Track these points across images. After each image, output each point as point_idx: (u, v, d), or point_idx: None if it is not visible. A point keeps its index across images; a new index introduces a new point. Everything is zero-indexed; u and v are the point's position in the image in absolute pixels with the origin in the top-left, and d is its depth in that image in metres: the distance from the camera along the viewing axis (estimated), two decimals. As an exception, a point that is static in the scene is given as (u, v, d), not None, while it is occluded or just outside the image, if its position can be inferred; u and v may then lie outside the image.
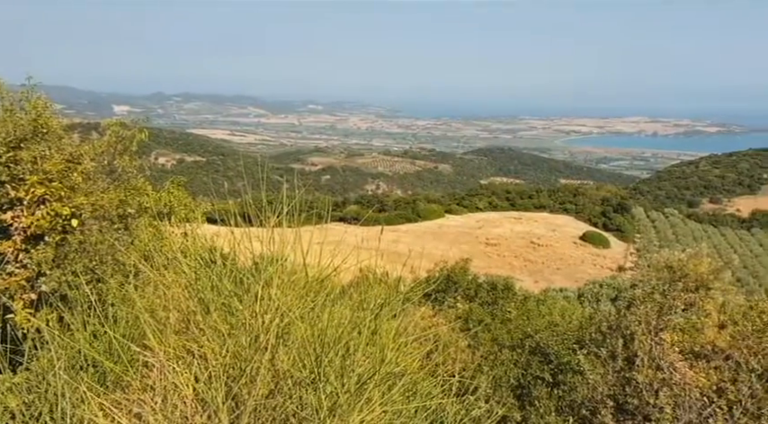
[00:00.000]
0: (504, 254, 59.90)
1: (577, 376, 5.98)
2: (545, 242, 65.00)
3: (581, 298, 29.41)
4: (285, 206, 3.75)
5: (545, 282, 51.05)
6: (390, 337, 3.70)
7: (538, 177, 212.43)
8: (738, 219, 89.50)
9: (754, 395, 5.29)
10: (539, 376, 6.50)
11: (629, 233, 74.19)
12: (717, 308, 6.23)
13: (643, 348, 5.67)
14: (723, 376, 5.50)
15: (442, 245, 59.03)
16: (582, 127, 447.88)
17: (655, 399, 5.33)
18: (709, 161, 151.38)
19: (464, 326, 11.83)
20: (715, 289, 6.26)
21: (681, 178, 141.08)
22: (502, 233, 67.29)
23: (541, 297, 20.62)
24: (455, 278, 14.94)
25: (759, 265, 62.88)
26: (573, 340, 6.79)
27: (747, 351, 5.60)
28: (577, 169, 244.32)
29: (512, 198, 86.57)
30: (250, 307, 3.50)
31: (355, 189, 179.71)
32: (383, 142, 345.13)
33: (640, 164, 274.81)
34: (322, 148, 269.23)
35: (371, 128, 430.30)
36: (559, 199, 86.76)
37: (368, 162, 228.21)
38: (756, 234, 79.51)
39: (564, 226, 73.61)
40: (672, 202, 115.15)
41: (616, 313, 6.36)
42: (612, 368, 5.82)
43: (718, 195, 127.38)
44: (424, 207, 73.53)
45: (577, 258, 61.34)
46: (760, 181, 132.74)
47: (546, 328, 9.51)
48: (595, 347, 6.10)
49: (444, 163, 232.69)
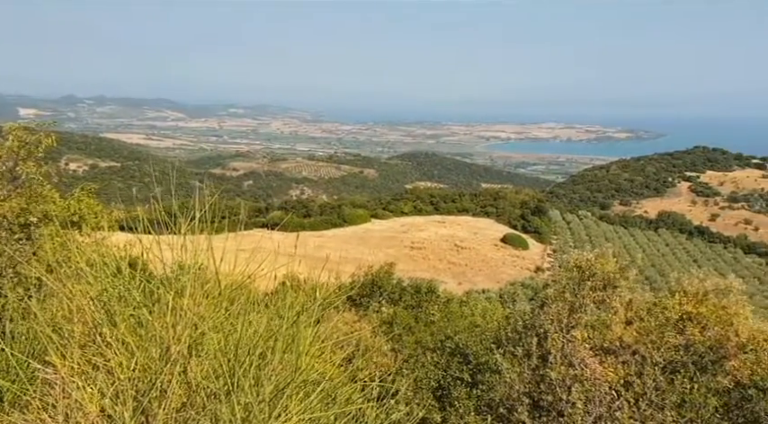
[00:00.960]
0: (429, 257, 60.78)
1: (495, 376, 6.14)
2: (468, 244, 66.45)
3: (502, 298, 30.29)
4: (198, 212, 3.63)
5: (468, 284, 52.18)
6: (308, 344, 3.65)
7: (460, 181, 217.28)
8: (646, 220, 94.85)
9: (658, 388, 5.60)
10: (458, 377, 6.62)
11: (546, 234, 77.04)
12: (624, 305, 6.55)
13: (556, 346, 5.89)
14: (630, 370, 5.79)
15: (368, 250, 59.24)
16: (501, 133, 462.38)
17: (567, 395, 5.53)
18: (619, 165, 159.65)
19: (388, 330, 11.89)
20: (621, 287, 6.58)
21: (593, 181, 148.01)
22: (427, 236, 68.25)
23: (464, 299, 21.02)
24: (380, 283, 15.00)
25: (665, 263, 66.83)
26: (491, 340, 6.96)
27: (651, 346, 5.93)
28: (498, 173, 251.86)
29: (436, 203, 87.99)
30: (161, 318, 3.36)
31: (279, 195, 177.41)
32: (307, 146, 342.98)
33: (556, 169, 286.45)
34: (244, 153, 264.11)
35: (295, 133, 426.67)
36: (481, 203, 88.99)
37: (292, 167, 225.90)
38: (663, 234, 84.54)
39: (485, 229, 75.53)
40: (585, 205, 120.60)
41: (530, 313, 6.57)
42: (528, 366, 6.00)
43: (628, 197, 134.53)
44: (350, 212, 73.53)
45: (498, 259, 63.07)
46: (666, 183, 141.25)
47: (467, 329, 9.71)
48: (512, 346, 6.28)
49: (369, 167, 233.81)
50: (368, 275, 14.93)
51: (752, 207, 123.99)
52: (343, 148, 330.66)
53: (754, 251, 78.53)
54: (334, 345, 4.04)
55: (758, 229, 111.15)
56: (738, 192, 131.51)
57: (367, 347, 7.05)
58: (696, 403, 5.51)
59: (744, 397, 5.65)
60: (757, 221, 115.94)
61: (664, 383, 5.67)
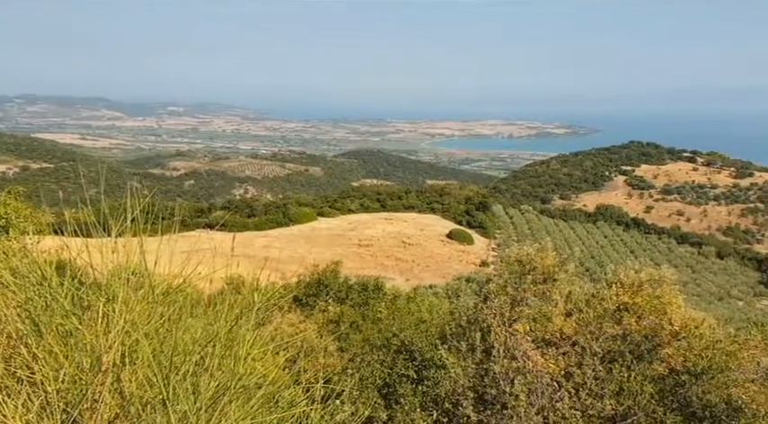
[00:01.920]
0: (377, 255, 60.88)
1: (440, 371, 6.18)
2: (415, 241, 66.93)
3: (448, 293, 30.68)
4: (132, 212, 3.48)
5: (416, 280, 52.55)
6: (249, 347, 3.57)
7: (407, 178, 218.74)
8: (585, 213, 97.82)
9: (597, 377, 5.76)
10: (404, 374, 6.63)
11: (490, 229, 78.43)
12: (563, 298, 6.70)
13: (499, 340, 5.97)
14: (570, 361, 5.93)
15: (316, 248, 58.85)
16: (445, 130, 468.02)
17: (511, 387, 5.62)
18: (558, 160, 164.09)
19: (335, 329, 11.83)
20: (561, 280, 6.73)
21: (534, 176, 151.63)
22: (374, 234, 68.34)
23: (411, 295, 21.15)
24: (326, 282, 14.90)
25: (604, 255, 69.14)
26: (436, 335, 7.01)
27: (591, 336, 6.09)
28: (443, 170, 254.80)
29: (382, 200, 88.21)
30: (91, 326, 3.21)
31: (222, 194, 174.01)
32: (250, 145, 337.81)
33: (499, 164, 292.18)
34: (184, 152, 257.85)
35: (237, 131, 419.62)
36: (427, 200, 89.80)
37: (235, 165, 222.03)
38: (601, 226, 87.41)
39: (432, 225, 76.24)
40: (527, 199, 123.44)
41: (474, 308, 6.65)
42: (472, 361, 6.07)
43: (567, 191, 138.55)
44: (296, 211, 72.82)
45: (445, 255, 63.79)
46: (603, 177, 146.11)
47: (414, 325, 9.75)
48: (456, 341, 6.33)
49: (315, 165, 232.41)
50: (314, 274, 14.81)
51: (684, 199, 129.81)
52: (288, 146, 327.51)
53: (687, 240, 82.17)
54: (278, 347, 3.96)
55: (690, 220, 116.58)
56: (671, 185, 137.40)
57: (312, 347, 6.98)
58: (633, 391, 5.69)
59: (677, 383, 5.87)
60: (689, 212, 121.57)
61: (603, 372, 5.83)
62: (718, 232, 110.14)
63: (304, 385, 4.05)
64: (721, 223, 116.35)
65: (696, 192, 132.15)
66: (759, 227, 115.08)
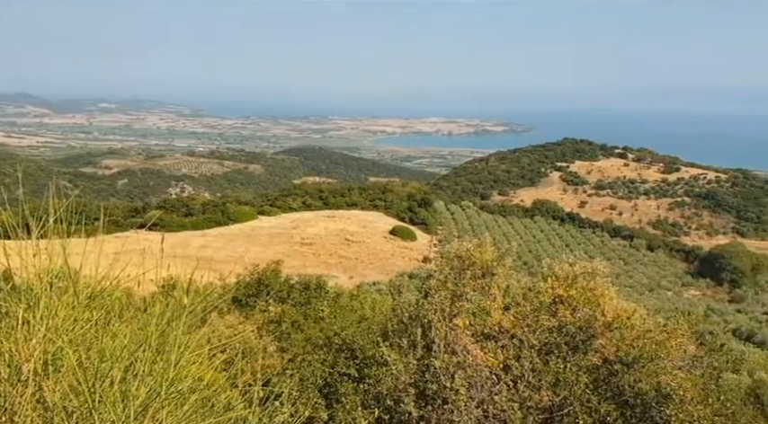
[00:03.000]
0: (320, 253, 60.53)
1: (382, 368, 6.18)
2: (358, 238, 66.94)
3: (391, 290, 30.85)
4: (53, 213, 3.29)
5: (359, 277, 52.58)
6: (183, 351, 3.45)
7: (349, 175, 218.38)
8: (523, 209, 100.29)
9: (534, 369, 5.89)
10: (345, 373, 6.60)
11: (432, 225, 79.35)
12: (501, 292, 6.83)
13: (440, 335, 6.02)
14: (509, 354, 6.05)
15: (256, 248, 57.99)
16: (387, 127, 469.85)
17: (451, 382, 5.68)
18: (497, 157, 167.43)
19: (276, 329, 11.67)
20: (499, 275, 6.85)
21: (474, 173, 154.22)
22: (317, 232, 67.89)
23: (355, 293, 21.12)
24: (266, 281, 14.70)
25: (541, 249, 71.10)
26: (378, 332, 7.01)
27: (528, 329, 6.22)
28: (385, 167, 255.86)
29: (325, 197, 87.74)
30: (10, 335, 3.03)
31: (158, 193, 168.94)
32: (187, 142, 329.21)
33: (440, 162, 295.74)
34: (117, 150, 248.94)
35: (173, 128, 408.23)
36: (370, 197, 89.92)
37: (171, 163, 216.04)
38: (538, 221, 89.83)
39: (375, 222, 76.44)
40: (468, 195, 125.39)
41: (415, 304, 6.69)
42: (414, 357, 6.10)
43: (506, 188, 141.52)
44: (235, 210, 71.50)
45: (388, 252, 64.09)
46: (539, 174, 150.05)
47: (355, 323, 9.73)
48: (398, 337, 6.35)
49: (255, 163, 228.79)
50: (253, 274, 14.58)
51: (616, 194, 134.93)
52: (226, 144, 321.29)
53: (619, 234, 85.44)
54: (215, 349, 3.85)
55: (621, 214, 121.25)
56: (604, 180, 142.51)
57: (251, 349, 6.85)
58: (569, 381, 5.85)
59: (611, 372, 6.08)
60: (621, 206, 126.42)
61: (540, 364, 5.97)
62: (648, 225, 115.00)
63: (242, 388, 3.95)
64: (651, 216, 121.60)
65: (627, 187, 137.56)
66: (686, 220, 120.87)
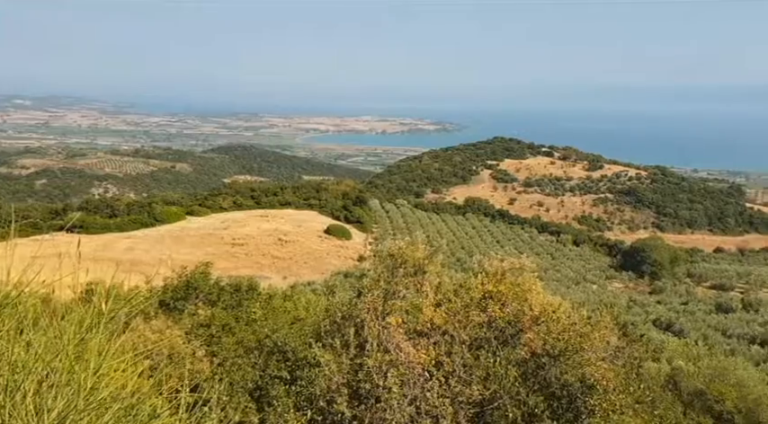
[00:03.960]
0: (252, 253, 59.46)
1: (314, 369, 6.11)
2: (292, 238, 66.19)
3: (327, 290, 30.69)
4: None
5: (294, 277, 52.01)
6: (102, 359, 3.28)
7: (282, 174, 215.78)
8: (456, 206, 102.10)
9: (465, 364, 5.98)
10: (277, 376, 6.49)
11: (367, 223, 79.49)
12: (433, 289, 6.89)
13: (372, 334, 6.01)
14: (441, 350, 6.11)
15: (185, 249, 56.37)
16: (320, 125, 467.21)
17: (384, 380, 5.68)
18: (430, 156, 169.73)
19: (206, 333, 11.35)
20: (430, 272, 6.91)
21: (408, 171, 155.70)
22: (249, 232, 66.65)
23: (288, 293, 20.84)
24: (195, 284, 14.27)
25: (473, 245, 72.49)
26: (310, 333, 6.93)
27: (459, 325, 6.31)
28: (319, 165, 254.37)
29: (257, 197, 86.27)
30: None
31: (79, 194, 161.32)
32: (110, 141, 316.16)
33: (374, 160, 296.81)
34: (34, 149, 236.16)
35: (95, 126, 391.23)
36: (303, 195, 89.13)
37: (93, 163, 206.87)
38: (470, 218, 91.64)
39: (309, 221, 75.81)
40: (402, 193, 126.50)
41: (348, 303, 6.65)
42: (347, 356, 6.06)
43: (439, 185, 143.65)
44: (163, 210, 69.21)
45: (323, 251, 63.69)
46: (471, 172, 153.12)
47: (289, 324, 9.59)
48: (330, 338, 6.30)
49: (183, 161, 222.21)
50: (181, 276, 14.13)
51: (543, 191, 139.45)
52: (152, 142, 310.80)
53: (547, 230, 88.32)
54: (140, 355, 3.68)
55: (549, 210, 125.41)
56: (532, 178, 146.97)
57: (179, 354, 6.62)
58: (499, 375, 5.97)
59: (538, 365, 6.24)
60: (548, 203, 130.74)
61: (471, 359, 6.06)
62: (574, 221, 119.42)
63: (168, 394, 3.80)
64: (576, 212, 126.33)
65: (554, 184, 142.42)
66: (609, 216, 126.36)
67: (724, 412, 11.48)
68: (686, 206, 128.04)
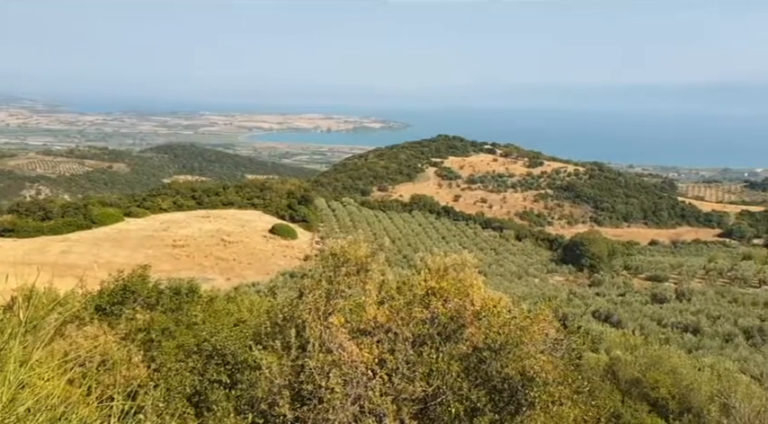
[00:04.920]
0: (194, 255, 58.14)
1: (255, 372, 6.00)
2: (235, 238, 65.07)
3: (272, 290, 30.31)
4: None
5: (238, 278, 51.18)
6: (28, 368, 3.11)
7: (224, 173, 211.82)
8: (402, 203, 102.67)
9: (408, 361, 5.99)
10: (216, 380, 6.33)
11: (313, 222, 78.96)
12: (376, 287, 6.87)
13: (314, 334, 5.94)
14: (384, 348, 6.10)
15: (124, 252, 54.66)
16: (263, 123, 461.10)
17: (326, 381, 5.62)
18: (375, 153, 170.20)
19: (144, 338, 10.99)
20: (373, 270, 6.89)
21: (354, 169, 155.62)
22: (190, 233, 65.13)
23: (232, 295, 20.46)
24: (133, 287, 13.79)
25: (419, 242, 73.09)
26: (251, 336, 6.79)
27: (402, 322, 6.32)
28: (262, 164, 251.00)
29: (198, 197, 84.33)
30: None
31: (9, 196, 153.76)
32: (42, 140, 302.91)
33: (319, 158, 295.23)
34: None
35: (25, 125, 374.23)
36: (247, 195, 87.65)
37: (24, 163, 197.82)
38: (416, 215, 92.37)
39: (253, 221, 74.69)
40: (348, 192, 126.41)
41: (290, 304, 6.56)
42: (288, 358, 5.97)
43: (385, 183, 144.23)
44: (99, 212, 66.77)
45: (268, 251, 62.89)
46: (416, 169, 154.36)
47: (231, 326, 9.39)
48: (272, 340, 6.19)
49: (119, 161, 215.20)
50: (118, 280, 13.62)
51: (486, 188, 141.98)
52: (87, 141, 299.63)
53: (490, 225, 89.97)
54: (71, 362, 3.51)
55: (492, 206, 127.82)
56: (475, 175, 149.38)
57: (113, 360, 6.36)
58: (442, 371, 6.01)
59: (480, 359, 6.32)
60: (491, 199, 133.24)
61: (414, 356, 6.08)
62: (516, 216, 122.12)
63: (100, 403, 3.63)
64: (518, 208, 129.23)
65: (497, 181, 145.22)
66: (549, 211, 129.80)
67: (659, 399, 11.95)
68: (622, 200, 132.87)
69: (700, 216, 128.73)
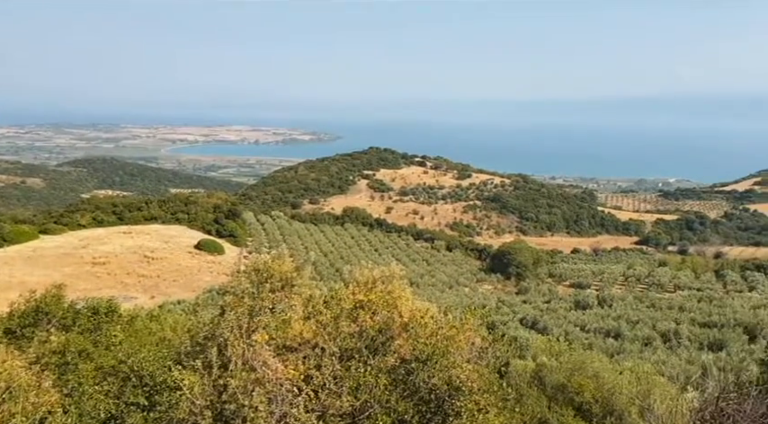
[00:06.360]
0: (116, 273, 55.68)
1: (175, 393, 5.75)
2: (159, 254, 62.81)
3: (197, 308, 29.32)
4: None
5: (162, 296, 49.32)
6: None
7: (147, 187, 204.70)
8: (334, 216, 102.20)
9: (335, 376, 5.90)
10: (133, 403, 6.03)
11: (241, 237, 77.25)
12: (303, 302, 6.75)
13: (236, 353, 5.76)
14: (310, 364, 5.98)
15: (39, 271, 51.73)
16: (188, 135, 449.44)
17: (250, 400, 5.45)
18: (306, 166, 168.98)
19: (60, 360, 10.36)
20: (299, 285, 6.77)
21: (283, 182, 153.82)
22: (111, 250, 62.36)
23: (154, 314, 19.68)
24: (47, 308, 12.99)
25: (352, 255, 72.83)
26: (171, 356, 6.51)
27: (329, 337, 6.23)
28: (187, 178, 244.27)
29: (119, 212, 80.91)
30: None
31: None
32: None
33: (247, 171, 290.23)
34: None
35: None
36: (171, 209, 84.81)
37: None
38: (348, 228, 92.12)
39: (178, 237, 72.35)
40: (278, 205, 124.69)
41: (211, 322, 6.34)
42: (209, 378, 5.76)
43: (316, 196, 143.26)
44: (12, 229, 62.91)
45: (194, 267, 61.02)
46: (348, 182, 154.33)
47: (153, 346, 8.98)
48: (192, 359, 5.96)
49: (34, 176, 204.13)
50: (30, 301, 12.81)
51: (418, 199, 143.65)
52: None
53: (422, 237, 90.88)
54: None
55: (423, 218, 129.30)
56: (407, 187, 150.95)
57: (20, 385, 5.93)
58: (369, 384, 5.95)
59: (408, 371, 6.31)
60: (422, 211, 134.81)
61: (341, 370, 5.99)
62: (447, 227, 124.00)
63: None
64: (449, 219, 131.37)
65: (427, 193, 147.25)
66: (478, 221, 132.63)
67: (583, 403, 12.31)
68: (546, 210, 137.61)
69: (618, 224, 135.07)
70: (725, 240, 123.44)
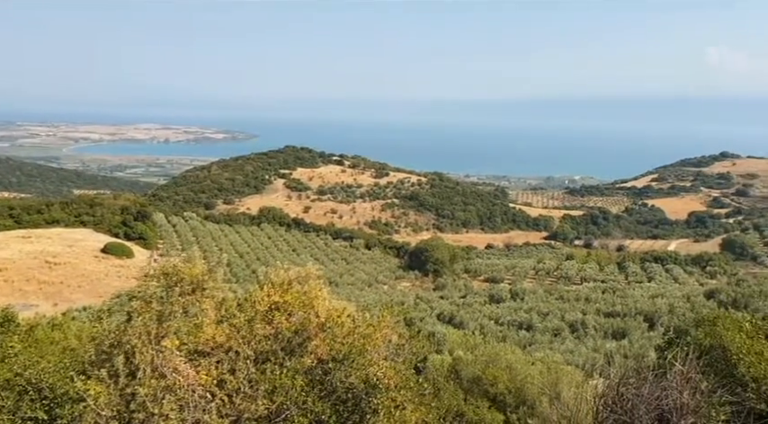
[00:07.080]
0: (14, 279, 52.08)
1: (78, 405, 5.44)
2: (63, 259, 59.32)
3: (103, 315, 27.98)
4: None
5: (66, 303, 46.64)
6: None
7: (47, 189, 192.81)
8: (249, 216, 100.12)
9: (250, 379, 5.79)
10: (30, 418, 5.65)
11: (151, 239, 74.25)
12: (215, 306, 6.58)
13: (145, 360, 5.53)
14: (224, 369, 5.84)
15: (-76, 280, 47.59)
16: (92, 134, 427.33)
17: (160, 408, 5.26)
18: (219, 165, 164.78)
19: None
20: (210, 288, 6.59)
21: (196, 182, 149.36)
22: (8, 255, 58.26)
23: (57, 322, 18.59)
24: (-71, 321, 11.95)
25: (269, 256, 71.61)
26: (74, 366, 6.16)
27: (243, 340, 6.11)
28: (92, 178, 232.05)
29: (17, 215, 75.71)
30: None
31: None
32: None
33: (156, 171, 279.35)
34: None
35: None
36: (75, 212, 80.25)
37: None
38: (265, 228, 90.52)
39: (83, 241, 68.57)
40: (190, 206, 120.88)
41: (116, 329, 6.06)
42: (116, 387, 5.50)
43: (231, 196, 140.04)
44: None
45: (101, 272, 58.08)
46: (264, 181, 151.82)
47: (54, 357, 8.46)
48: (97, 368, 5.67)
49: None
50: None
51: (336, 198, 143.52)
52: None
53: (341, 236, 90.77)
54: None
55: (342, 217, 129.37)
56: (325, 186, 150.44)
57: None
58: (286, 387, 5.88)
59: (325, 371, 6.28)
60: (341, 210, 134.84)
61: (256, 373, 5.89)
62: (366, 226, 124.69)
63: None
64: (367, 217, 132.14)
65: (346, 192, 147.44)
66: (396, 220, 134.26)
67: (498, 394, 12.74)
68: (461, 208, 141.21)
69: (529, 220, 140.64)
70: (626, 233, 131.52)
